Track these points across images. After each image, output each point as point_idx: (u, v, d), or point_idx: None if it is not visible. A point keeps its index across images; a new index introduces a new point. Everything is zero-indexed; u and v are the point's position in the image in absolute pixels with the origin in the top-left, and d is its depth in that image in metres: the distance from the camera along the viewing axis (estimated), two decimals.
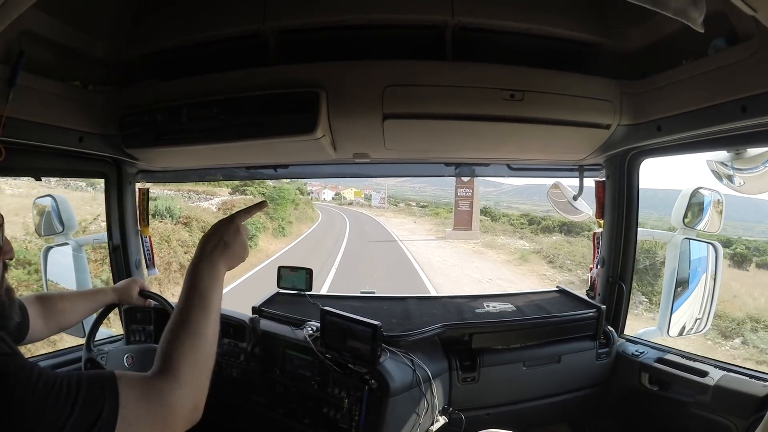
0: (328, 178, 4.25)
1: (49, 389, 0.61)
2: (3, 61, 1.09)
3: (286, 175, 2.07)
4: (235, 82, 1.37)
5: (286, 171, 1.98)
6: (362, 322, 1.41)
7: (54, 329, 1.23)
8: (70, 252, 2.00)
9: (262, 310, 1.81)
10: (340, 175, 2.26)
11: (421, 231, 26.70)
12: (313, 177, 2.27)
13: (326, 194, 62.43)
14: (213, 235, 0.85)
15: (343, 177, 2.35)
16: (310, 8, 1.33)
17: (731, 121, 1.11)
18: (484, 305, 1.87)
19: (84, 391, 0.63)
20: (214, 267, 0.82)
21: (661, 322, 1.84)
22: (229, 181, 11.42)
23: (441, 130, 1.47)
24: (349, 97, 1.35)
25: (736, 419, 1.39)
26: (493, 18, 1.34)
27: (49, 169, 1.63)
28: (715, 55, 1.10)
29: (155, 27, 1.44)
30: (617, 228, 1.81)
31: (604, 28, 1.39)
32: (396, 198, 57.71)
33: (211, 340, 0.78)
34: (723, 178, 1.45)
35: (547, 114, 1.42)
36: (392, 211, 47.74)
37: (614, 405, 1.83)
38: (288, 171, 1.98)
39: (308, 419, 1.53)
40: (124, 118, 1.46)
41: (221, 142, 1.41)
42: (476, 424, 1.60)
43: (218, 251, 0.83)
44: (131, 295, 1.44)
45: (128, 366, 1.51)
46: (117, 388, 0.65)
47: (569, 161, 1.89)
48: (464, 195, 21.75)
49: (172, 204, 12.59)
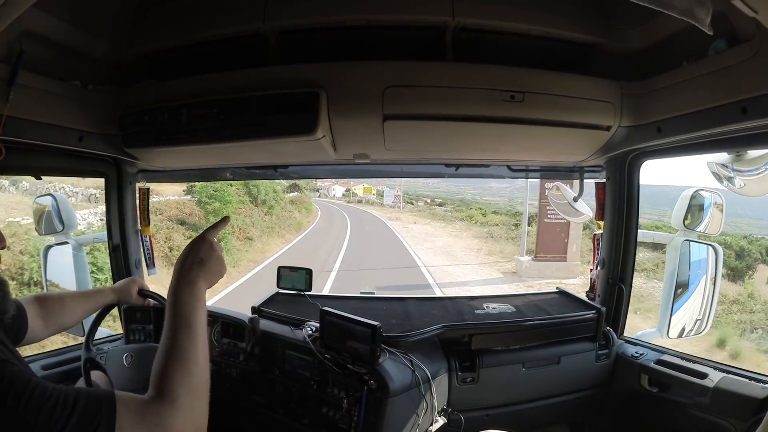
0: (328, 178, 4.25)
1: (43, 402, 0.61)
2: (3, 60, 1.10)
3: (287, 175, 2.07)
4: (235, 82, 1.37)
5: (286, 171, 1.98)
6: (362, 322, 1.41)
7: (53, 330, 1.23)
8: (70, 251, 2.00)
9: (262, 310, 1.81)
10: (340, 176, 2.26)
11: (462, 249, 16.70)
12: (313, 177, 2.27)
13: (336, 190, 57.14)
14: (188, 255, 0.85)
15: (343, 177, 2.36)
16: (311, 8, 1.33)
17: (732, 123, 1.11)
18: (483, 306, 1.87)
19: (81, 408, 0.63)
20: (194, 287, 0.82)
21: (661, 323, 1.84)
22: (184, 182, 10.65)
23: (441, 131, 1.47)
24: (349, 98, 1.35)
25: (735, 421, 1.39)
26: (493, 19, 1.34)
27: (49, 168, 1.63)
28: (716, 56, 1.10)
29: (155, 27, 1.44)
30: (617, 229, 1.80)
31: (604, 29, 1.39)
32: (410, 194, 47.37)
33: (202, 362, 0.78)
34: (723, 179, 1.45)
35: (547, 115, 1.41)
36: (409, 212, 35.15)
37: (614, 407, 1.82)
38: (288, 171, 1.98)
39: (307, 419, 1.53)
40: (124, 118, 1.46)
41: (221, 142, 1.41)
42: (475, 425, 1.60)
43: (195, 270, 0.83)
44: (130, 294, 1.44)
45: (127, 365, 1.51)
46: (115, 409, 0.65)
47: (570, 162, 1.89)
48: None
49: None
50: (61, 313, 1.25)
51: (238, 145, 1.43)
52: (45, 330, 1.19)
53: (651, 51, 1.36)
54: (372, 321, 1.40)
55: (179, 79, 1.45)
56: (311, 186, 49.99)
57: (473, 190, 65.06)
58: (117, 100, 1.48)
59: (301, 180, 18.86)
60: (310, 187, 51.01)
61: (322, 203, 43.06)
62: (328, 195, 56.66)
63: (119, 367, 1.52)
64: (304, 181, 23.65)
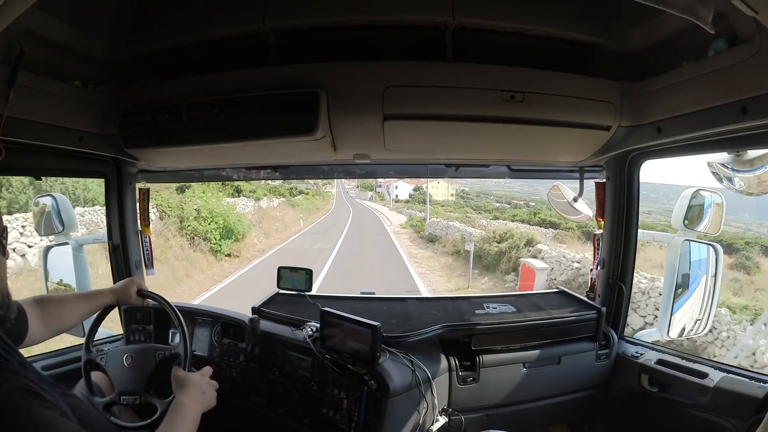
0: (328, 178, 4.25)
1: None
2: (3, 61, 1.10)
3: (287, 175, 2.07)
4: (235, 83, 1.37)
5: (286, 171, 1.98)
6: (362, 322, 1.41)
7: (53, 331, 1.24)
8: (70, 251, 2.00)
9: (262, 310, 1.81)
10: (340, 176, 2.26)
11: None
12: (313, 177, 2.27)
13: (399, 190, 40.04)
14: (196, 388, 1.17)
15: (344, 178, 2.36)
16: (311, 8, 1.33)
17: (732, 123, 1.11)
18: (483, 306, 1.86)
19: None
20: (197, 416, 1.10)
21: (661, 323, 1.84)
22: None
23: (441, 131, 1.47)
24: (349, 98, 1.35)
25: (735, 421, 1.39)
26: (493, 19, 1.34)
27: (49, 168, 1.63)
28: (716, 56, 1.10)
29: (155, 27, 1.44)
30: (617, 229, 1.80)
31: (604, 29, 1.39)
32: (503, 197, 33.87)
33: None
34: (723, 179, 1.45)
35: (547, 115, 1.41)
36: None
37: (614, 406, 1.82)
38: (288, 171, 1.98)
39: (308, 420, 1.53)
40: (124, 118, 1.47)
41: (221, 143, 1.41)
42: (476, 425, 1.60)
43: (199, 401, 1.15)
44: (129, 295, 1.44)
45: (128, 366, 1.51)
46: None
47: (570, 163, 1.89)
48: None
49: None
50: (61, 315, 1.26)
51: (239, 145, 1.43)
52: (45, 332, 1.20)
53: (651, 51, 1.36)
54: (372, 321, 1.40)
55: (179, 80, 1.45)
56: (366, 184, 38.11)
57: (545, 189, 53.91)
58: (117, 101, 1.48)
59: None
60: (365, 185, 40.78)
61: (376, 211, 28.10)
62: (388, 196, 40.13)
63: (119, 368, 1.51)
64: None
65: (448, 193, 36.04)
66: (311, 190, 35.83)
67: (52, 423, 0.69)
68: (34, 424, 0.68)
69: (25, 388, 0.71)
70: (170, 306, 1.51)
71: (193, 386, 1.18)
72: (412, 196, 38.36)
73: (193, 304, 2.04)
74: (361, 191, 39.84)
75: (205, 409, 1.18)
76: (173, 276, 10.93)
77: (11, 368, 0.72)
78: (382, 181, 37.71)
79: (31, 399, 0.70)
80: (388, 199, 38.30)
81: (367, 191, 40.50)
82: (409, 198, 38.11)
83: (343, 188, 60.48)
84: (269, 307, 1.85)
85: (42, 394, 0.72)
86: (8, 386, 0.69)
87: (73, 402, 0.92)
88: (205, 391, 1.21)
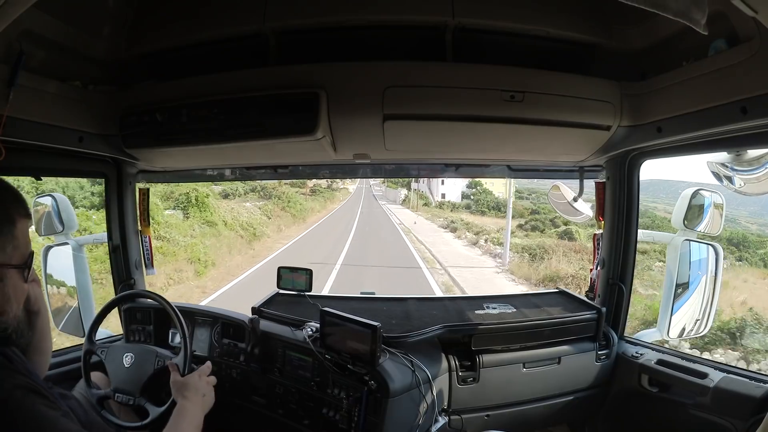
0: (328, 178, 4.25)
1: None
2: (3, 61, 1.09)
3: (286, 176, 2.07)
4: (235, 83, 1.37)
5: (286, 171, 1.98)
6: (362, 323, 1.41)
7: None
8: (70, 252, 2.00)
9: (262, 310, 1.81)
10: (340, 176, 2.26)
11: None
12: (313, 177, 2.27)
13: (446, 189, 26.33)
14: (196, 392, 1.23)
15: (343, 177, 2.37)
16: (310, 9, 1.33)
17: (731, 123, 1.11)
18: (483, 306, 1.86)
19: None
20: (200, 418, 1.17)
21: (661, 323, 1.84)
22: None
23: (441, 131, 1.47)
24: (349, 98, 1.35)
25: (735, 421, 1.39)
26: (493, 19, 1.34)
27: (49, 168, 1.63)
28: (716, 56, 1.10)
29: (155, 27, 1.44)
30: (617, 229, 1.80)
31: (604, 29, 1.39)
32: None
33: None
34: (723, 179, 1.45)
35: (547, 115, 1.41)
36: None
37: (614, 406, 1.82)
38: (288, 171, 1.98)
39: (307, 420, 1.53)
40: (124, 118, 1.46)
41: (221, 143, 1.41)
42: (476, 425, 1.60)
43: (200, 404, 1.22)
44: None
45: (127, 365, 1.51)
46: None
47: (569, 162, 1.89)
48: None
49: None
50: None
51: (238, 146, 1.43)
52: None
53: (651, 51, 1.36)
54: (372, 321, 1.39)
55: (179, 80, 1.45)
56: (401, 182, 25.65)
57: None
58: (117, 101, 1.48)
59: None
60: (394, 181, 28.93)
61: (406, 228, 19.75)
62: (433, 198, 27.76)
63: (118, 366, 1.52)
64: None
65: (507, 192, 21.36)
66: (315, 189, 29.45)
67: (54, 421, 0.69)
68: (37, 422, 0.68)
69: (28, 386, 0.71)
70: (170, 306, 1.52)
71: (192, 390, 1.24)
72: (466, 195, 25.41)
73: (193, 304, 2.04)
74: (389, 188, 28.91)
75: (205, 411, 1.24)
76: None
77: (14, 368, 0.72)
78: (421, 183, 27.27)
79: (34, 397, 0.70)
80: (432, 202, 26.86)
81: (399, 188, 27.24)
82: (462, 198, 25.29)
83: (366, 184, 51.47)
84: (269, 307, 1.84)
85: (44, 394, 0.72)
86: (11, 383, 0.69)
87: (72, 404, 0.92)
88: (204, 393, 1.26)
